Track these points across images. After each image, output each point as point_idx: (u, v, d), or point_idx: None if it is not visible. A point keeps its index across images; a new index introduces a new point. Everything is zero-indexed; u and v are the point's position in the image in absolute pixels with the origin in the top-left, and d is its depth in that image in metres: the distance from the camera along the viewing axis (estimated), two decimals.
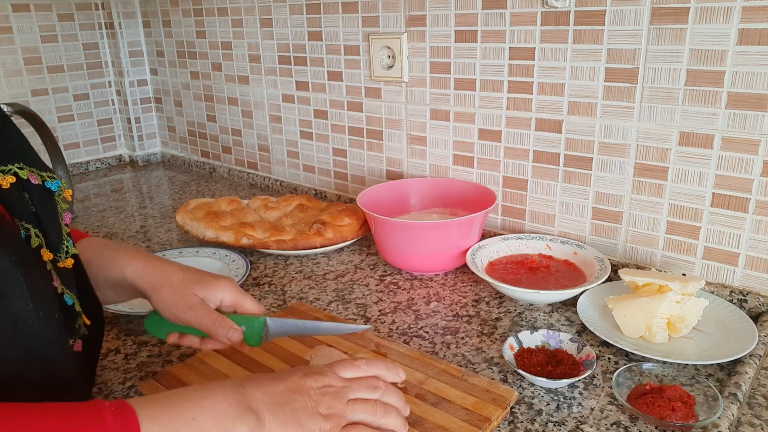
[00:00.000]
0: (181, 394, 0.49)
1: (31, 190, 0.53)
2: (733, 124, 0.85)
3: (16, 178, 0.52)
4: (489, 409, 0.67)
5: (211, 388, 0.51)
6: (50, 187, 0.56)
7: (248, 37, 1.53)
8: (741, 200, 0.87)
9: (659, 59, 0.89)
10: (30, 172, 0.54)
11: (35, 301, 0.47)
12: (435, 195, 1.21)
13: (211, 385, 0.51)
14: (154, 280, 0.67)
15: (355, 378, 0.58)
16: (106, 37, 1.87)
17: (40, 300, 0.48)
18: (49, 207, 0.56)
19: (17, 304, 0.46)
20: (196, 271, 0.70)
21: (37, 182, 0.54)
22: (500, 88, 1.09)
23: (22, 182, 0.53)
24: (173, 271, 0.68)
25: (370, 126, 1.34)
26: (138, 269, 0.67)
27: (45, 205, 0.55)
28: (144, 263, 0.68)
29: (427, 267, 1.06)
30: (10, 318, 0.46)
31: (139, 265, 0.68)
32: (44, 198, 0.55)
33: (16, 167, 0.52)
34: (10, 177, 0.51)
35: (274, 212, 1.28)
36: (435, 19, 1.14)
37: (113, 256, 0.69)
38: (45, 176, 0.56)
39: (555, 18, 0.98)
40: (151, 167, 1.95)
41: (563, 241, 1.05)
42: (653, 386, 0.70)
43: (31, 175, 0.54)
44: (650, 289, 0.84)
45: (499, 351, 0.82)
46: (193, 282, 0.67)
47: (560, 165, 1.05)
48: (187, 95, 1.82)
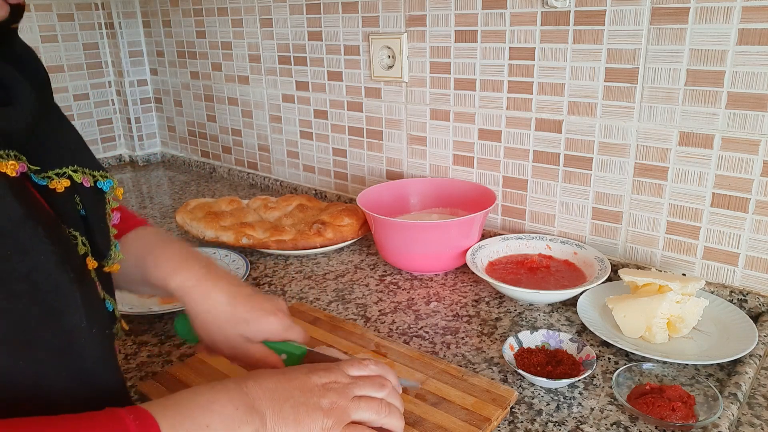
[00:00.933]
0: (191, 399, 0.48)
1: (83, 193, 0.51)
2: (733, 124, 0.85)
3: (70, 181, 0.50)
4: (489, 409, 0.67)
5: (217, 390, 0.50)
6: (102, 187, 0.54)
7: (248, 37, 1.53)
8: (741, 200, 0.87)
9: (659, 59, 0.89)
10: (83, 174, 0.52)
11: (89, 317, 0.45)
12: (435, 195, 1.21)
13: (216, 387, 0.50)
14: (199, 306, 0.63)
15: (362, 376, 0.58)
16: (106, 37, 1.87)
17: (94, 316, 0.46)
18: (99, 210, 0.53)
19: (72, 321, 0.44)
20: (246, 300, 0.64)
21: (89, 185, 0.52)
22: (500, 88, 1.09)
23: (76, 186, 0.50)
24: (221, 301, 0.63)
25: (370, 126, 1.34)
26: (185, 286, 0.63)
27: (95, 208, 0.53)
28: (194, 280, 0.63)
29: (427, 267, 1.06)
30: (64, 335, 0.43)
31: (186, 282, 0.63)
32: (95, 200, 0.53)
33: (71, 170, 0.50)
34: (64, 181, 0.49)
35: (274, 212, 1.28)
36: (435, 19, 1.14)
37: (160, 260, 0.64)
38: (98, 176, 0.53)
39: (555, 18, 0.98)
40: (151, 167, 1.95)
41: (563, 241, 1.05)
42: (653, 386, 0.70)
43: (84, 177, 0.51)
44: (650, 289, 0.84)
45: (499, 351, 0.82)
46: (241, 322, 0.63)
47: (560, 165, 1.05)
48: (187, 95, 1.82)
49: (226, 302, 0.63)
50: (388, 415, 0.56)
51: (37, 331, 0.41)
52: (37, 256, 0.42)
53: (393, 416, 0.56)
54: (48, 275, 0.42)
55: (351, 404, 0.54)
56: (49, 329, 0.42)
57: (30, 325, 0.41)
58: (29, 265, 0.41)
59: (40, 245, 0.42)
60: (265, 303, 0.66)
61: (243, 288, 0.66)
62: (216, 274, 0.65)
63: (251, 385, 0.51)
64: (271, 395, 0.51)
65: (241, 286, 0.66)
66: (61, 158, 0.50)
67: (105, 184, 0.54)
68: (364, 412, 0.55)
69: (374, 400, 0.56)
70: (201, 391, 0.49)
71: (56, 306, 0.43)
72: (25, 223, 0.42)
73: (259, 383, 0.52)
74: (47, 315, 0.42)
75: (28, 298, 0.41)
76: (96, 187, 0.53)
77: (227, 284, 0.64)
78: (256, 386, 0.51)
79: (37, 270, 0.42)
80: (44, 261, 0.42)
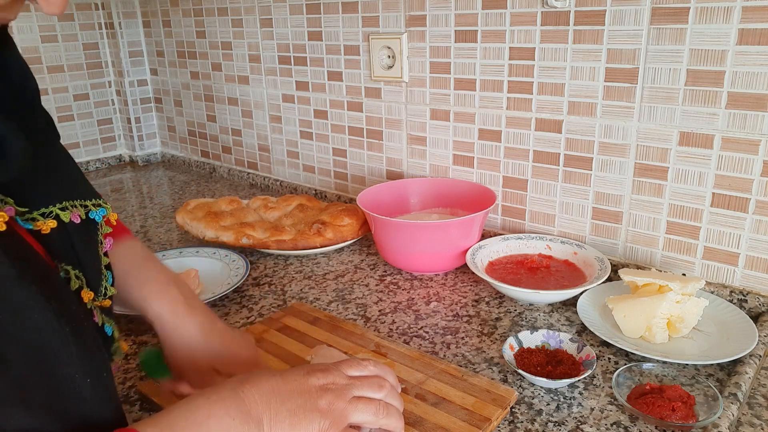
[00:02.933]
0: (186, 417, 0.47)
1: (73, 229, 0.50)
2: (733, 124, 0.85)
3: (57, 222, 0.49)
4: (489, 409, 0.67)
5: (213, 401, 0.49)
6: (94, 217, 0.53)
7: (248, 37, 1.53)
8: (741, 200, 0.87)
9: (659, 59, 0.89)
10: (73, 208, 0.51)
11: (84, 367, 0.44)
12: (435, 195, 1.21)
13: (212, 397, 0.49)
14: (174, 336, 0.64)
15: (360, 376, 0.58)
16: (106, 37, 1.87)
17: (90, 364, 0.44)
18: (90, 243, 0.52)
19: (66, 373, 0.42)
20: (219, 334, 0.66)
21: (79, 220, 0.51)
22: (500, 88, 1.09)
23: (65, 225, 0.50)
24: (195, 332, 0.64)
25: (370, 126, 1.34)
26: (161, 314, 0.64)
27: (86, 242, 0.52)
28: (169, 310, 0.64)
29: (427, 267, 1.06)
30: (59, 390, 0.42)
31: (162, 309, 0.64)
32: (86, 233, 0.52)
33: (58, 209, 0.49)
34: (50, 222, 0.48)
35: (274, 212, 1.28)
36: (435, 19, 1.14)
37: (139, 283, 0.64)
38: (89, 206, 0.53)
39: (555, 18, 0.98)
40: (151, 167, 1.95)
41: (563, 241, 1.05)
42: (653, 386, 0.70)
43: (73, 213, 0.50)
44: (650, 289, 0.84)
45: (499, 351, 0.82)
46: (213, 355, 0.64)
47: (560, 165, 1.05)
48: (187, 95, 1.82)
49: (199, 335, 0.64)
50: (387, 416, 0.56)
51: (30, 391, 0.40)
52: (31, 315, 0.40)
53: (391, 417, 0.56)
54: (41, 333, 0.41)
55: (349, 405, 0.54)
56: (44, 388, 0.41)
57: (23, 387, 0.40)
58: (21, 326, 0.40)
59: (33, 303, 0.41)
60: (238, 338, 0.68)
61: (217, 323, 0.67)
62: (194, 307, 0.66)
63: (247, 389, 0.51)
64: (268, 399, 0.51)
65: (215, 321, 0.67)
66: (49, 195, 0.49)
67: (98, 214, 0.53)
68: (362, 413, 0.54)
69: (372, 401, 0.55)
70: (197, 405, 0.48)
71: (50, 362, 0.41)
72: (17, 282, 0.40)
73: (257, 386, 0.51)
74: (40, 374, 0.41)
75: (20, 361, 0.40)
76: (88, 219, 0.52)
77: (203, 318, 0.66)
78: (252, 390, 0.51)
79: (30, 330, 0.40)
80: (38, 319, 0.41)
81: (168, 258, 1.12)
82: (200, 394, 0.50)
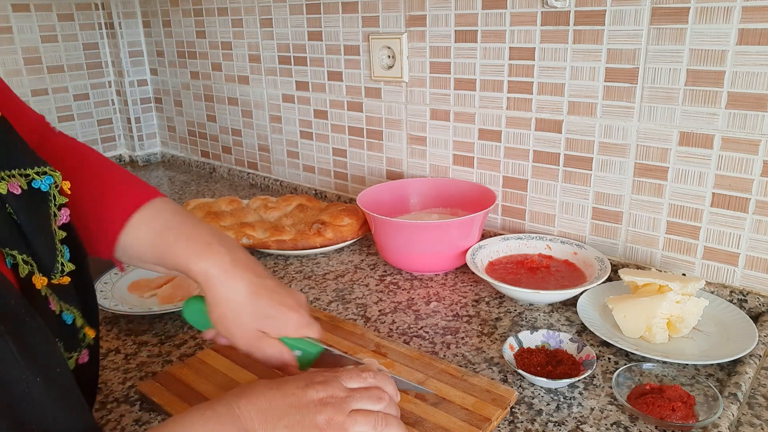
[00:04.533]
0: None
1: (13, 201, 0.45)
2: (733, 124, 0.85)
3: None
4: (489, 409, 0.67)
5: (208, 418, 0.48)
6: (39, 186, 0.47)
7: (248, 37, 1.53)
8: (741, 200, 0.87)
9: (659, 59, 0.89)
10: (9, 178, 0.45)
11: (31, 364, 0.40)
12: (435, 195, 1.21)
13: (207, 414, 0.48)
14: (220, 296, 0.60)
15: (359, 388, 0.57)
16: (106, 37, 1.87)
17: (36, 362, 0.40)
18: (38, 216, 0.47)
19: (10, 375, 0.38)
20: (268, 294, 0.61)
21: (19, 191, 0.45)
22: (500, 88, 1.09)
23: (2, 198, 0.44)
24: (243, 292, 0.60)
25: (370, 126, 1.34)
26: (208, 273, 0.59)
27: (32, 215, 0.46)
28: (217, 268, 0.59)
29: (427, 267, 1.06)
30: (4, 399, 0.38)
31: (210, 269, 0.59)
32: (32, 205, 0.46)
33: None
34: None
35: (274, 212, 1.28)
36: (435, 19, 1.14)
37: (182, 241, 0.60)
38: (32, 174, 0.47)
39: (555, 18, 0.98)
40: (151, 167, 1.95)
41: (563, 241, 1.05)
42: (653, 386, 0.70)
43: (11, 183, 0.45)
44: (650, 289, 0.84)
45: (499, 351, 0.82)
46: (261, 316, 0.61)
47: (560, 165, 1.05)
48: (187, 95, 1.82)
49: (247, 295, 0.60)
50: (385, 428, 0.55)
51: None
52: None
53: (390, 427, 0.55)
54: None
55: (347, 419, 0.53)
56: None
57: None
58: None
59: None
60: (287, 298, 0.64)
61: (266, 280, 0.63)
62: (241, 263, 0.61)
63: (243, 405, 0.50)
64: (264, 416, 0.50)
65: (264, 278, 0.63)
66: None
67: (43, 182, 0.47)
68: (360, 427, 0.54)
69: (371, 414, 0.55)
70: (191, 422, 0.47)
71: None
72: None
73: (252, 403, 0.50)
74: None
75: None
76: (32, 189, 0.46)
77: (252, 275, 0.61)
78: (249, 406, 0.50)
79: None
80: None
81: None
82: (195, 409, 0.49)
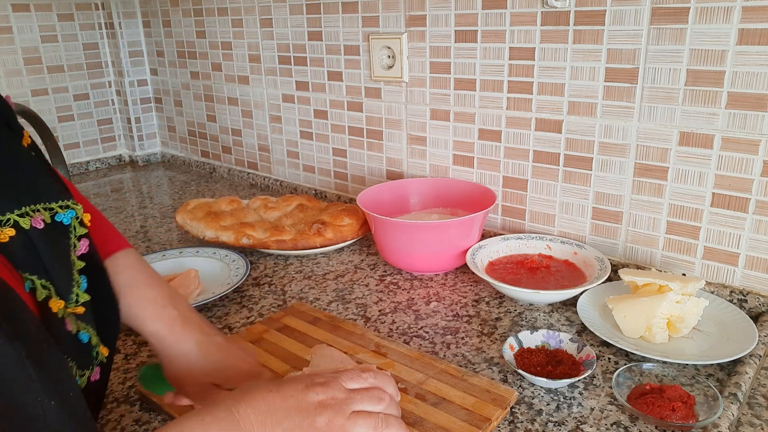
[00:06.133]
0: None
1: (37, 235, 0.47)
2: (733, 124, 0.85)
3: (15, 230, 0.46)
4: (489, 409, 0.67)
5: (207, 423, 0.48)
6: (62, 220, 0.50)
7: (248, 37, 1.53)
8: (741, 200, 0.87)
9: (659, 59, 0.89)
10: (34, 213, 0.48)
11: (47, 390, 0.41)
12: (435, 195, 1.21)
13: (206, 419, 0.48)
14: (171, 354, 0.63)
15: (359, 389, 0.57)
16: (106, 37, 1.87)
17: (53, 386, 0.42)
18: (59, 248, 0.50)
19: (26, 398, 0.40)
20: (217, 350, 0.65)
21: (42, 225, 0.48)
22: (500, 88, 1.09)
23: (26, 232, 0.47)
24: (193, 350, 0.64)
25: (370, 126, 1.34)
26: (159, 335, 0.63)
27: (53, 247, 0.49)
28: (167, 329, 0.63)
29: (427, 267, 1.06)
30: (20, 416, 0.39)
31: (161, 330, 0.64)
32: (52, 238, 0.49)
33: (16, 215, 0.46)
34: (8, 230, 0.45)
35: (274, 212, 1.28)
36: (435, 19, 1.14)
37: (137, 302, 0.63)
38: (56, 208, 0.50)
39: (555, 18, 0.98)
40: (151, 167, 1.95)
41: (563, 241, 1.05)
42: (653, 386, 0.70)
43: (35, 218, 0.47)
44: (650, 289, 0.84)
45: (499, 351, 0.82)
46: (214, 371, 0.64)
47: (560, 165, 1.05)
48: (187, 95, 1.82)
49: (198, 351, 0.64)
50: (386, 428, 0.55)
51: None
52: None
53: (391, 429, 0.55)
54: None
55: (347, 422, 0.53)
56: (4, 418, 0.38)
57: None
58: None
59: None
60: (237, 351, 0.67)
61: (215, 337, 0.67)
62: (192, 322, 0.66)
63: (243, 409, 0.50)
64: (263, 419, 0.50)
65: (213, 336, 0.67)
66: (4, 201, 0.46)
67: (66, 215, 0.50)
68: (361, 429, 0.53)
69: (372, 416, 0.55)
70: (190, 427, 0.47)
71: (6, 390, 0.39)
72: None
73: (252, 406, 0.50)
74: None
75: None
76: (54, 223, 0.50)
77: (199, 333, 0.65)
78: (248, 410, 0.50)
79: None
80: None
81: (168, 258, 1.12)
82: (194, 414, 0.49)
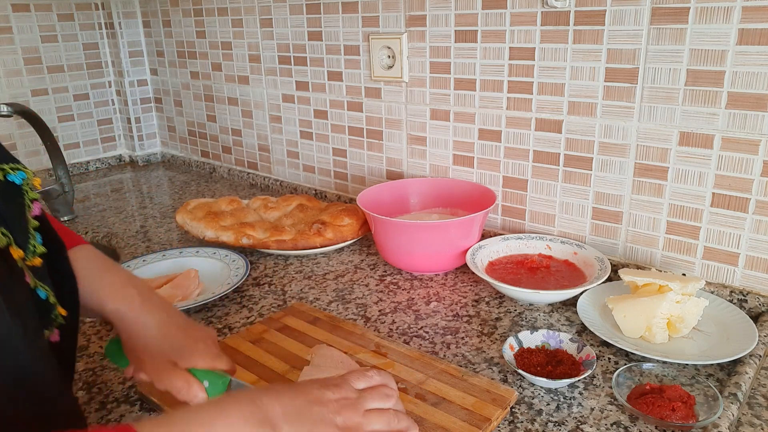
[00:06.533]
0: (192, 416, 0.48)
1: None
2: (733, 124, 0.85)
3: None
4: (489, 409, 0.67)
5: (227, 404, 0.49)
6: (14, 180, 0.53)
7: (248, 37, 1.53)
8: (741, 200, 0.87)
9: (659, 59, 0.89)
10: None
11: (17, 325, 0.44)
12: (435, 195, 1.21)
13: (226, 400, 0.50)
14: (130, 331, 0.64)
15: (367, 388, 0.59)
16: (106, 37, 1.87)
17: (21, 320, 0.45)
18: (14, 205, 0.53)
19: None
20: (176, 329, 0.66)
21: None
22: (500, 88, 1.09)
23: None
24: (152, 327, 0.64)
25: (370, 126, 1.33)
26: (119, 312, 0.64)
27: (8, 202, 0.52)
28: (127, 307, 0.64)
29: (427, 267, 1.06)
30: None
31: (121, 308, 0.64)
32: (7, 194, 0.52)
33: None
34: None
35: (274, 212, 1.28)
36: (435, 19, 1.14)
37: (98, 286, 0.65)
38: (7, 169, 0.53)
39: (555, 18, 0.98)
40: (151, 167, 1.95)
41: (563, 241, 1.05)
42: (653, 386, 0.70)
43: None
44: (650, 289, 0.84)
45: (499, 351, 0.82)
46: (170, 349, 0.64)
47: (560, 165, 1.05)
48: (187, 95, 1.82)
49: (158, 329, 0.64)
50: (399, 424, 0.57)
51: None
52: None
53: (403, 421, 0.58)
54: None
55: (364, 420, 0.55)
56: None
57: None
58: None
59: None
60: (196, 332, 0.67)
61: (176, 318, 0.67)
62: (151, 302, 0.66)
63: (267, 400, 0.51)
64: (290, 410, 0.51)
65: (173, 316, 0.67)
66: None
67: (16, 177, 0.53)
68: (376, 425, 0.56)
69: (385, 412, 0.57)
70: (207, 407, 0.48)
71: None
72: None
73: (277, 398, 0.52)
74: None
75: None
76: (7, 181, 0.53)
77: (159, 312, 0.66)
78: (272, 401, 0.51)
79: None
80: None
81: (168, 258, 1.12)
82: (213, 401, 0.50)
